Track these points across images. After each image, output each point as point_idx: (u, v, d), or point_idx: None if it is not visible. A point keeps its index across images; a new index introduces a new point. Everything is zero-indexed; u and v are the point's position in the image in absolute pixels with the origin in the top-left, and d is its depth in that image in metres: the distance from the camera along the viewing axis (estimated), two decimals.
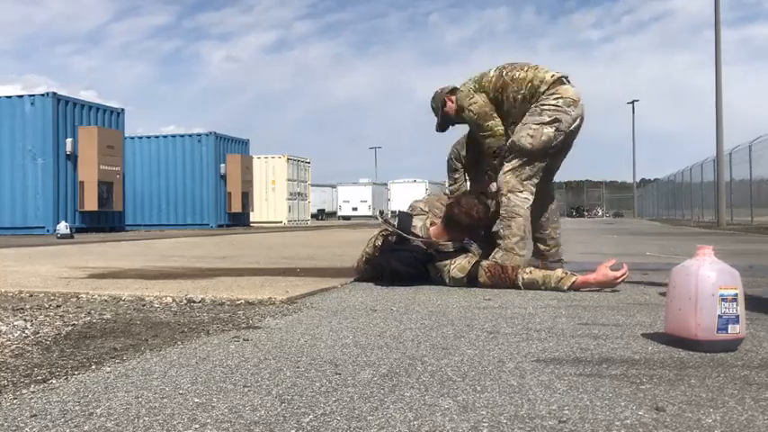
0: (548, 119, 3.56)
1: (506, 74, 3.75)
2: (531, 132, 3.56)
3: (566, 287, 3.03)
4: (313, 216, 34.32)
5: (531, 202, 3.62)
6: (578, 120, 3.65)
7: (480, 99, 3.79)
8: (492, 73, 3.81)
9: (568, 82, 3.71)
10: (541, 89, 3.62)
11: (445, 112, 4.10)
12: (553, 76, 3.66)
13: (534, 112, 3.61)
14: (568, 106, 3.58)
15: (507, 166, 3.62)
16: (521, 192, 3.59)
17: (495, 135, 3.80)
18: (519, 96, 3.68)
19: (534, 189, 3.64)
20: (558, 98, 3.59)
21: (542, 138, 3.55)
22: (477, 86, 3.83)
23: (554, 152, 3.70)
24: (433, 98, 4.18)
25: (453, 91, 4.07)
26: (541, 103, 3.61)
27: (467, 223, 3.35)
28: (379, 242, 3.45)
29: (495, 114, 3.78)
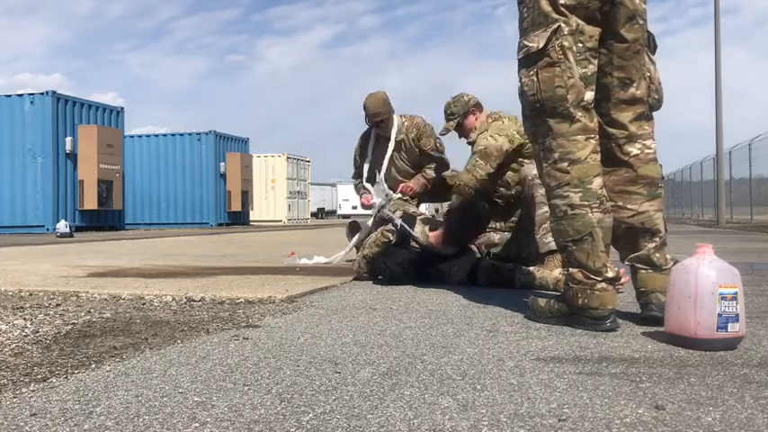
0: None
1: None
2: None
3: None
4: (312, 215, 34.28)
5: None
6: None
7: (503, 142, 3.68)
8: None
9: None
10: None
11: (465, 124, 3.92)
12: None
13: None
14: None
15: None
16: None
17: (472, 176, 3.70)
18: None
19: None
20: None
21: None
22: (515, 132, 3.67)
23: None
24: (455, 102, 3.94)
25: (479, 106, 3.93)
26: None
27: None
28: (376, 249, 3.42)
29: (495, 165, 3.68)
